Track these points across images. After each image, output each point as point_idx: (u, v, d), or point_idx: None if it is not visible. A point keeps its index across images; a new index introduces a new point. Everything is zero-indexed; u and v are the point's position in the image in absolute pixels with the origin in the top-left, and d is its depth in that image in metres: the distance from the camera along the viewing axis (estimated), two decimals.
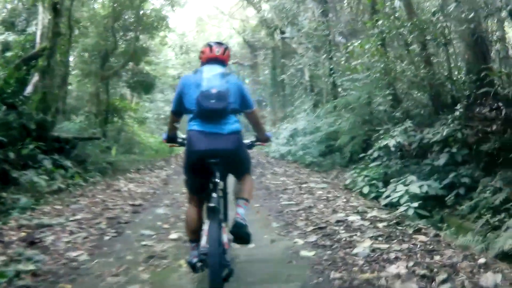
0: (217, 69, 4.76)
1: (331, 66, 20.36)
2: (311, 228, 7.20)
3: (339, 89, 19.73)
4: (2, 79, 13.55)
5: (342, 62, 16.66)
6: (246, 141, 5.32)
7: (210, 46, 4.99)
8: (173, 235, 7.17)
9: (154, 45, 32.73)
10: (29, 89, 14.80)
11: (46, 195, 10.45)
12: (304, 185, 11.95)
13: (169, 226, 7.93)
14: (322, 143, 17.93)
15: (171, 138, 5.30)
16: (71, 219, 8.22)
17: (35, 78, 15.03)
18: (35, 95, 14.53)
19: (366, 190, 10.20)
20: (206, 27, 52.88)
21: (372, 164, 11.42)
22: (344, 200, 9.46)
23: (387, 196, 9.32)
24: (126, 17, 25.81)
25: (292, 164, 18.48)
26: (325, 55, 20.73)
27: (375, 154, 11.84)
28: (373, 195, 10.07)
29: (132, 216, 8.92)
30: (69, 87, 22.73)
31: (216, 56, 4.92)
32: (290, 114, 30.68)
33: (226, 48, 5.02)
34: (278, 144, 23.82)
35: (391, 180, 9.93)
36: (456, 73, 11.74)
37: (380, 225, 7.06)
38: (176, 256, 5.98)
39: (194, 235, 4.77)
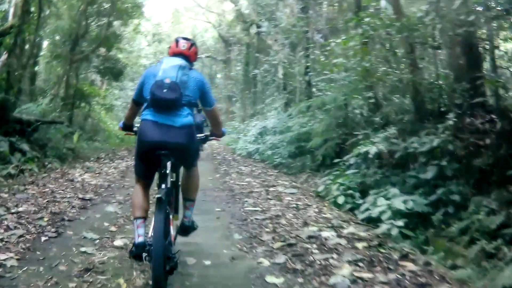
0: (176, 61, 4.75)
1: (308, 64, 19.20)
2: (279, 244, 6.10)
3: (314, 89, 18.68)
4: None
5: (321, 60, 15.44)
6: (201, 134, 5.60)
7: (177, 41, 5.12)
8: (119, 242, 6.14)
9: (127, 32, 31.66)
10: None
11: None
12: (271, 189, 10.82)
13: (116, 229, 6.92)
14: (292, 144, 16.72)
15: (128, 126, 5.38)
16: (12, 210, 7.37)
17: (4, 56, 13.94)
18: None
19: (341, 200, 8.98)
20: (182, 19, 51.78)
21: (348, 172, 10.24)
22: (316, 210, 8.35)
23: (366, 210, 8.16)
24: (100, 1, 24.28)
25: (259, 164, 17.29)
26: (302, 53, 19.60)
27: (352, 161, 10.69)
28: (348, 206, 8.84)
29: (79, 213, 7.98)
30: (37, 69, 21.51)
31: (181, 51, 5.00)
32: (260, 111, 29.98)
33: (193, 44, 5.13)
34: (246, 141, 22.74)
35: (370, 192, 8.78)
36: (443, 80, 10.68)
37: (360, 245, 5.99)
38: (117, 272, 4.96)
39: (140, 211, 4.58)
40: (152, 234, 4.18)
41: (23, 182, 10.23)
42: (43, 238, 6.15)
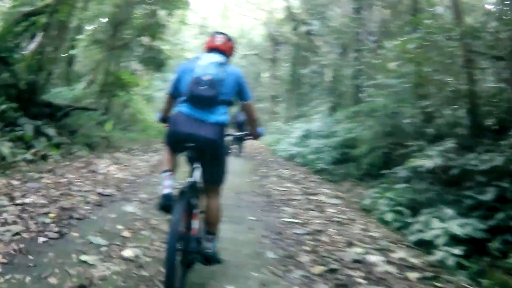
0: (214, 57, 4.70)
1: (358, 68, 18.29)
2: (319, 269, 5.31)
3: (363, 94, 17.78)
4: None
5: (374, 62, 14.53)
6: (239, 133, 5.75)
7: (213, 35, 5.08)
8: (129, 252, 5.36)
9: (172, 23, 30.97)
10: (31, 46, 13.39)
11: (13, 164, 9.08)
12: (313, 197, 10.00)
13: (129, 235, 6.08)
14: (336, 150, 15.87)
15: (165, 119, 5.29)
16: (17, 201, 6.61)
17: (38, 37, 13.51)
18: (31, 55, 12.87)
19: (389, 217, 8.11)
20: (231, 15, 50.96)
21: (398, 186, 9.34)
22: (362, 226, 7.54)
23: (417, 231, 7.29)
24: None
25: (301, 168, 16.42)
26: (352, 55, 18.67)
27: (402, 173, 9.81)
28: (397, 224, 7.97)
29: (92, 210, 7.17)
30: (74, 52, 20.91)
31: (216, 46, 4.94)
32: (304, 113, 28.84)
33: (229, 39, 5.07)
34: (288, 143, 21.86)
35: (422, 210, 7.91)
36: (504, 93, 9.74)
37: (412, 276, 5.23)
38: None
39: (168, 165, 4.69)
40: (169, 224, 4.05)
41: (41, 169, 9.56)
42: (41, 239, 5.42)
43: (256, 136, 5.50)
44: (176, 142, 4.63)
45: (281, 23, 38.98)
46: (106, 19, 22.65)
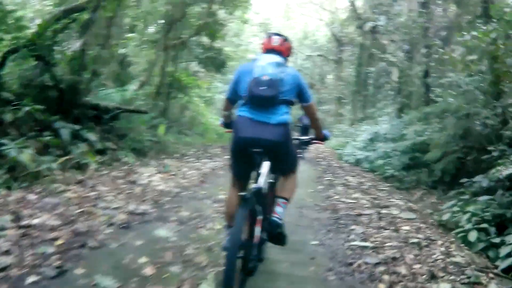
0: (273, 58, 4.68)
1: (431, 64, 16.97)
2: None
3: (433, 94, 16.58)
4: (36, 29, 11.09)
5: (445, 58, 13.29)
6: (304, 137, 5.71)
7: (269, 36, 5.05)
8: None
9: (231, 21, 30.20)
10: (76, 45, 12.51)
11: (39, 174, 8.01)
12: (384, 211, 8.87)
13: (152, 273, 4.71)
14: (405, 154, 14.70)
15: (227, 124, 5.34)
16: (23, 222, 5.55)
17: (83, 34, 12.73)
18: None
19: (473, 236, 6.95)
20: (293, 15, 50.22)
21: (481, 198, 8.15)
22: (443, 249, 6.41)
23: (507, 255, 6.14)
24: None
25: (369, 174, 15.32)
26: (425, 51, 17.33)
27: (484, 183, 8.63)
28: (481, 245, 6.86)
29: (113, 236, 5.80)
30: (124, 52, 20.17)
31: (273, 47, 4.93)
32: (370, 115, 28.31)
33: (285, 40, 5.05)
34: (354, 147, 20.78)
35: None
36: None
37: None
38: None
39: (232, 220, 4.32)
40: (230, 231, 4.15)
41: (70, 180, 8.37)
42: (30, 279, 4.15)
43: (322, 139, 5.48)
44: (242, 149, 4.53)
45: (345, 23, 38.14)
46: (160, 17, 21.81)
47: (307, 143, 5.71)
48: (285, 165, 4.85)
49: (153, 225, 6.61)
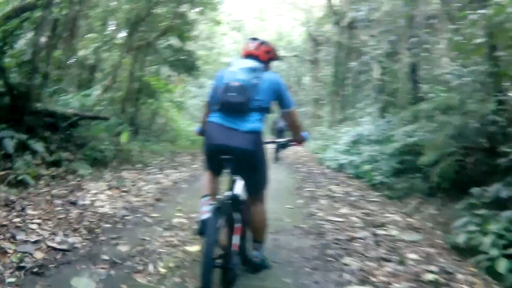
0: (247, 63, 4.57)
1: (414, 59, 15.25)
2: None
3: (423, 90, 15.00)
4: None
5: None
6: (281, 139, 5.55)
7: (247, 42, 4.98)
8: None
9: (207, 26, 29.07)
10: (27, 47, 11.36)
11: None
12: (380, 231, 7.15)
13: None
14: (394, 157, 13.02)
15: (204, 131, 4.88)
16: None
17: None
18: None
19: (502, 266, 5.27)
20: (268, 16, 49.09)
21: (506, 214, 6.40)
22: (466, 287, 4.73)
23: None
24: None
25: (354, 181, 13.61)
26: (411, 43, 15.50)
27: (503, 194, 6.95)
28: None
29: (16, 286, 4.19)
30: (83, 53, 18.32)
31: (250, 52, 4.83)
32: (350, 116, 26.90)
33: (262, 43, 4.92)
34: (336, 150, 19.02)
35: None
36: None
37: None
38: None
39: (207, 190, 4.52)
40: (204, 242, 3.78)
41: None
42: None
43: (300, 141, 5.25)
44: (213, 155, 4.47)
45: (321, 21, 36.85)
46: (122, 17, 19.91)
47: (285, 145, 5.52)
48: (253, 179, 4.64)
49: (74, 269, 4.83)
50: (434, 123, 11.53)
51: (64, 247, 5.44)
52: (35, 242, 5.43)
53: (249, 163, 4.43)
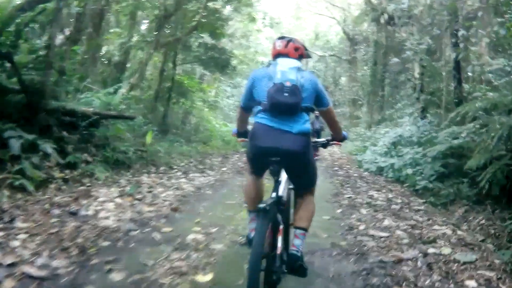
0: (292, 62, 4.31)
1: (459, 56, 14.12)
2: None
3: (468, 89, 13.99)
4: None
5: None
6: (321, 139, 5.37)
7: (274, 42, 4.71)
8: None
9: (243, 24, 28.74)
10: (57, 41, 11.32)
11: None
12: (431, 249, 6.18)
13: None
14: (437, 161, 12.05)
15: (241, 133, 5.09)
16: None
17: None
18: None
19: None
20: (304, 15, 48.36)
21: None
22: None
23: None
24: None
25: (395, 187, 12.64)
26: (457, 37, 14.32)
27: None
28: None
29: None
30: (107, 49, 17.68)
31: (278, 51, 4.53)
32: (389, 117, 26.19)
33: (289, 41, 4.59)
34: (375, 152, 18.04)
35: None
36: None
37: None
38: None
39: (253, 203, 4.38)
40: (252, 246, 3.62)
41: None
42: None
43: (340, 140, 5.11)
44: (259, 158, 4.26)
45: (358, 20, 35.85)
46: (150, 11, 19.27)
47: (325, 145, 5.29)
48: (303, 179, 4.53)
49: None
50: (481, 124, 10.58)
51: (43, 273, 4.44)
52: (10, 265, 4.50)
53: (299, 165, 4.29)
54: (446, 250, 6.13)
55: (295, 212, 4.57)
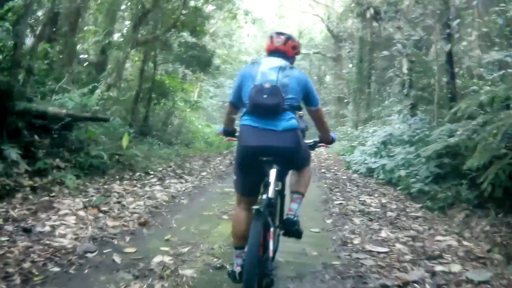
0: (275, 62, 4.27)
1: (450, 48, 13.27)
2: None
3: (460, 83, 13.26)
4: None
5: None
6: (308, 141, 5.21)
7: (271, 37, 4.64)
8: None
9: (225, 23, 28.12)
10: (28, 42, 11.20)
11: None
12: (438, 267, 5.35)
13: None
14: (432, 161, 11.22)
15: (228, 132, 5.09)
16: None
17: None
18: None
19: None
20: (287, 13, 48.51)
21: None
22: None
23: None
24: None
25: (388, 189, 11.87)
26: (449, 30, 13.47)
27: None
28: None
29: None
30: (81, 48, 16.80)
31: (276, 47, 4.52)
32: (377, 115, 25.67)
33: (289, 38, 4.59)
34: (364, 152, 17.20)
35: None
36: None
37: None
38: None
39: (241, 240, 4.20)
40: (247, 248, 3.66)
41: None
42: None
43: (328, 142, 5.08)
44: (250, 160, 4.17)
45: (343, 16, 35.38)
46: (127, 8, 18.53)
47: (312, 146, 5.15)
48: (299, 164, 4.60)
49: None
50: (478, 120, 9.81)
51: None
52: None
53: (291, 159, 4.29)
54: (456, 267, 5.30)
55: (294, 179, 4.65)
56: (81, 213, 7.09)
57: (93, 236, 6.08)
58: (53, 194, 7.86)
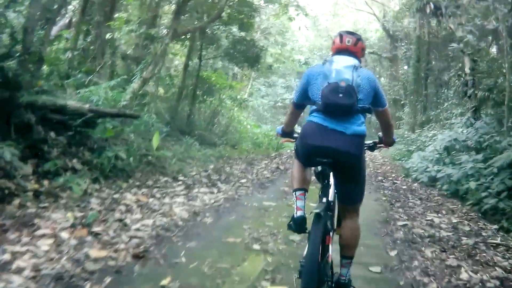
0: (349, 60, 3.97)
1: None
2: None
3: None
4: None
5: None
6: (368, 142, 4.75)
7: (340, 35, 4.30)
8: None
9: (279, 20, 27.22)
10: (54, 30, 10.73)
11: None
12: None
13: None
14: (504, 171, 9.69)
15: (287, 133, 4.82)
16: None
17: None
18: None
19: None
20: (342, 12, 47.74)
21: None
22: None
23: None
24: None
25: (455, 204, 10.37)
26: None
27: None
28: None
29: None
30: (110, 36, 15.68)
31: (346, 47, 4.18)
32: (435, 118, 24.28)
33: (359, 39, 4.26)
34: (425, 159, 15.56)
35: None
36: None
37: None
38: None
39: (301, 183, 4.07)
40: (306, 253, 3.52)
41: None
42: None
43: (389, 143, 4.72)
44: (309, 157, 3.99)
45: (398, 16, 34.92)
46: None
47: (372, 147, 4.75)
48: (351, 189, 4.07)
49: None
50: None
51: None
52: None
53: (351, 169, 3.92)
54: None
55: (342, 239, 4.15)
56: (64, 234, 5.30)
57: (60, 274, 4.23)
58: (46, 204, 6.34)
